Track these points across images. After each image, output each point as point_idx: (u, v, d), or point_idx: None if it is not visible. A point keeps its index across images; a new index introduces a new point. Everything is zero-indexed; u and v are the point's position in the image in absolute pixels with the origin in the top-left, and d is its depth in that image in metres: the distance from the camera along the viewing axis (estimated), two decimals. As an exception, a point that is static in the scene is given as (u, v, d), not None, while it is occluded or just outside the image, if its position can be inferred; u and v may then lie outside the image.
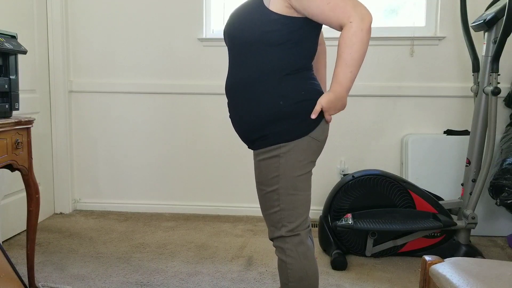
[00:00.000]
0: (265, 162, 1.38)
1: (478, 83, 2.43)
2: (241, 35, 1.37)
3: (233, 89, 1.43)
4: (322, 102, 1.34)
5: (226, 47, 1.48)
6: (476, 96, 2.45)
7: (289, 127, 1.35)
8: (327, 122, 1.40)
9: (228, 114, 1.49)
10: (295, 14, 1.31)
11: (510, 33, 2.18)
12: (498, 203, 2.34)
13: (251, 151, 1.49)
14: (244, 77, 1.38)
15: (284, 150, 1.35)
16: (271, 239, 1.45)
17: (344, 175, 2.65)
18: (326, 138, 1.44)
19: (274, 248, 1.55)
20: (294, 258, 1.39)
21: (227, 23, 1.45)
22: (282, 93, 1.35)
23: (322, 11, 1.25)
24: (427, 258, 1.37)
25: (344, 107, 1.37)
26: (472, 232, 2.55)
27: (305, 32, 1.34)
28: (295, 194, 1.37)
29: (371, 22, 1.24)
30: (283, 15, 1.30)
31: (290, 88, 1.35)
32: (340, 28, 1.28)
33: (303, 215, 1.40)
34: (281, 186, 1.37)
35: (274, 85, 1.34)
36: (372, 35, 2.95)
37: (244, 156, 3.08)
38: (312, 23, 1.34)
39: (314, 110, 1.35)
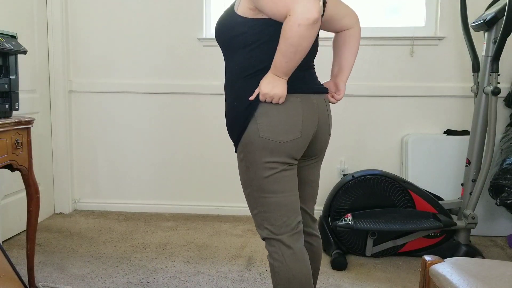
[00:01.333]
0: (239, 165, 1.40)
1: (478, 83, 2.43)
2: (219, 39, 1.41)
3: (224, 90, 1.49)
4: (260, 84, 1.31)
5: None
6: (476, 96, 2.45)
7: (241, 129, 1.35)
8: (261, 99, 1.32)
9: None
10: (259, 15, 1.30)
11: (510, 33, 2.18)
12: (498, 203, 2.34)
13: None
14: (226, 79, 1.44)
15: (244, 153, 1.36)
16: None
17: (344, 175, 2.65)
18: (299, 139, 1.35)
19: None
20: (280, 261, 1.36)
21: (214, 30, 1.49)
22: (238, 94, 1.37)
23: (267, 4, 1.23)
24: (427, 258, 1.36)
25: (277, 96, 1.29)
26: (472, 232, 2.55)
27: (267, 33, 1.32)
28: (264, 197, 1.36)
29: (315, 17, 1.16)
30: (248, 18, 1.31)
31: (245, 88, 1.35)
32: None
33: (281, 218, 1.36)
34: (252, 189, 1.37)
35: (238, 86, 1.36)
36: (372, 35, 2.97)
37: (244, 156, 3.08)
38: (275, 24, 1.30)
39: (255, 92, 1.33)
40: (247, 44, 1.33)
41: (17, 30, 2.68)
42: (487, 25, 2.30)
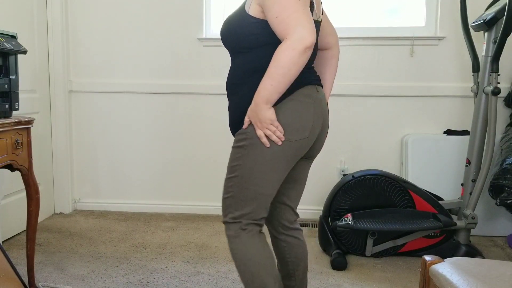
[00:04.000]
0: (233, 150, 1.41)
1: (478, 83, 2.43)
2: (229, 39, 1.43)
3: (227, 89, 1.50)
4: (248, 111, 1.36)
5: None
6: (476, 96, 2.45)
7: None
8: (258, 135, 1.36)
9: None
10: None
11: (510, 33, 2.18)
12: (498, 203, 2.34)
13: None
14: (233, 78, 1.46)
15: (248, 142, 1.37)
16: (223, 222, 1.48)
17: (344, 175, 2.65)
18: (306, 139, 1.38)
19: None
20: (236, 244, 1.40)
21: (222, 25, 1.51)
22: (255, 90, 1.38)
23: (272, 23, 1.29)
24: (427, 258, 1.36)
25: (266, 120, 1.32)
26: (472, 232, 2.55)
27: None
28: (247, 188, 1.38)
29: (308, 46, 1.23)
30: (261, 19, 1.33)
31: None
32: None
33: (249, 208, 1.40)
34: (238, 175, 1.38)
35: (254, 85, 1.37)
36: (372, 35, 2.97)
37: (244, 156, 3.07)
38: None
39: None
40: (261, 45, 1.36)
41: (17, 30, 2.68)
42: (487, 25, 2.30)
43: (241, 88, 1.43)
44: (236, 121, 1.45)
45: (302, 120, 1.37)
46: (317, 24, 1.45)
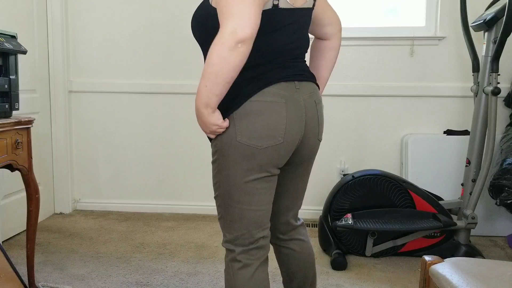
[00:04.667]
0: (212, 166, 1.30)
1: (478, 83, 2.43)
2: (195, 33, 1.29)
3: None
4: None
5: None
6: (476, 96, 2.45)
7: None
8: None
9: None
10: None
11: (510, 33, 2.18)
12: (498, 203, 2.34)
13: None
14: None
15: (217, 156, 1.25)
16: None
17: (344, 175, 2.65)
18: (281, 144, 1.22)
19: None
20: (228, 273, 1.29)
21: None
22: None
23: (219, 12, 1.13)
24: (427, 258, 1.36)
25: (211, 126, 1.19)
26: (472, 232, 2.55)
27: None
28: (230, 205, 1.25)
29: (239, 40, 1.06)
30: None
31: None
32: None
33: (240, 230, 1.26)
34: (219, 193, 1.27)
35: None
36: (372, 35, 2.97)
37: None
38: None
39: None
40: None
41: (17, 30, 2.68)
42: (487, 25, 2.30)
43: None
44: None
45: (272, 124, 1.20)
46: (299, 11, 1.25)
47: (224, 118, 1.21)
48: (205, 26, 1.22)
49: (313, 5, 1.32)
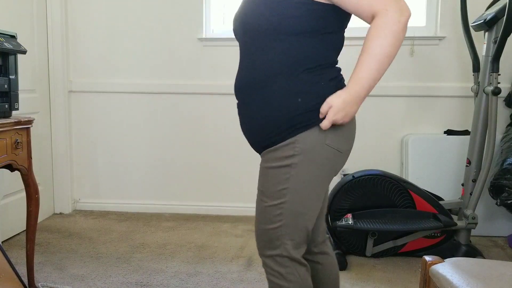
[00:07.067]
0: (274, 171, 1.16)
1: (479, 83, 2.43)
2: (256, 21, 1.15)
3: (244, 88, 1.22)
4: (332, 102, 1.12)
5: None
6: (477, 96, 2.45)
7: (297, 130, 1.14)
8: (323, 128, 1.14)
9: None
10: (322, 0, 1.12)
11: (510, 33, 2.18)
12: (498, 203, 2.34)
13: (252, 150, 1.32)
14: (258, 72, 1.17)
15: (297, 160, 1.13)
16: (263, 256, 1.23)
17: (344, 175, 2.64)
18: (351, 148, 1.22)
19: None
20: (296, 282, 1.19)
21: (238, 11, 1.24)
22: (301, 89, 1.14)
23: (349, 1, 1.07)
24: (427, 258, 1.36)
25: (354, 114, 1.14)
26: (472, 232, 2.54)
27: (330, 22, 1.15)
28: (304, 213, 1.17)
29: (409, 18, 1.06)
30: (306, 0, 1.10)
31: (309, 84, 1.15)
32: (371, 18, 1.09)
33: (303, 234, 1.21)
34: (288, 200, 1.15)
35: (292, 81, 1.14)
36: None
37: (244, 155, 3.08)
38: (340, 13, 1.14)
39: (321, 109, 1.13)
40: (302, 31, 1.12)
41: (17, 30, 2.67)
42: (487, 25, 2.30)
43: (270, 88, 1.15)
44: (265, 132, 1.17)
45: (352, 128, 1.20)
46: None
47: (310, 122, 1.15)
48: (283, 14, 1.12)
49: None
